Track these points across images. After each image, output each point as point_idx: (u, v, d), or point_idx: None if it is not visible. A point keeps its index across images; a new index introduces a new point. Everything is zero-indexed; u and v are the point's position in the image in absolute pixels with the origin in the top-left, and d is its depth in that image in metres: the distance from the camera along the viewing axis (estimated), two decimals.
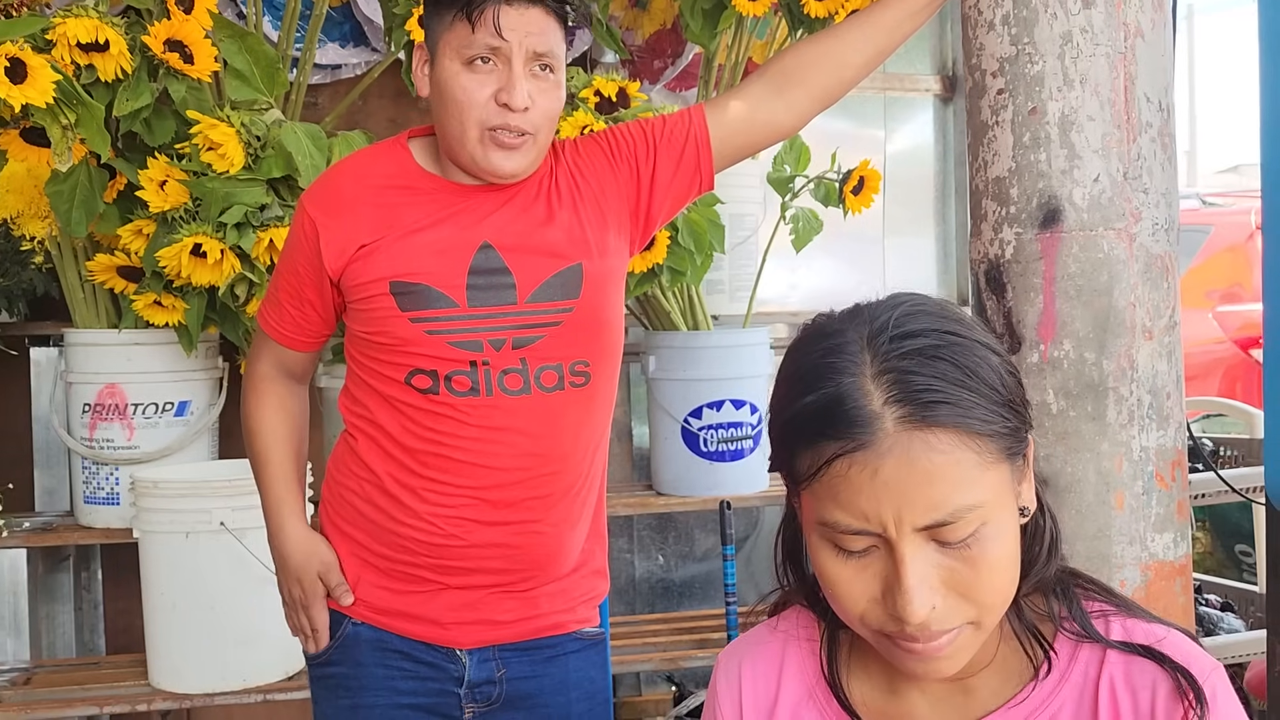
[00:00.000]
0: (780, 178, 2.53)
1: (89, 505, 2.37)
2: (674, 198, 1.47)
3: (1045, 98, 1.48)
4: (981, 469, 0.77)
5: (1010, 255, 1.51)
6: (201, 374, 2.39)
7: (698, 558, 3.39)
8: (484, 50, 1.29)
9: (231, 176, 2.01)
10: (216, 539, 2.08)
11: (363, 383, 1.38)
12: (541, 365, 1.34)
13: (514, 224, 1.36)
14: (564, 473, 1.37)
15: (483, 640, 1.39)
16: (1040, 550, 0.86)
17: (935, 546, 0.78)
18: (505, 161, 1.33)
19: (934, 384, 0.77)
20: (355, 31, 2.84)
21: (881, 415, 0.77)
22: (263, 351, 1.46)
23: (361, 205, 1.36)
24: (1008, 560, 0.80)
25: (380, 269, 1.33)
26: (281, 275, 1.41)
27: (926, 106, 3.53)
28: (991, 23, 1.52)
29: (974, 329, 0.82)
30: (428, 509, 1.35)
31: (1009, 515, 0.80)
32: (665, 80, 2.93)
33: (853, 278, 3.43)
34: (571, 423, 1.37)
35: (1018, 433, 0.81)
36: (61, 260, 2.30)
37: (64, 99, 1.78)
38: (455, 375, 1.32)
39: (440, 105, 1.34)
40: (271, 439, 1.44)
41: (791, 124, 1.50)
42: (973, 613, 0.80)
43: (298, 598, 1.42)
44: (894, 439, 0.76)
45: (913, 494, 0.76)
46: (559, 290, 1.35)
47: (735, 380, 2.63)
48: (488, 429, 1.33)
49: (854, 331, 0.80)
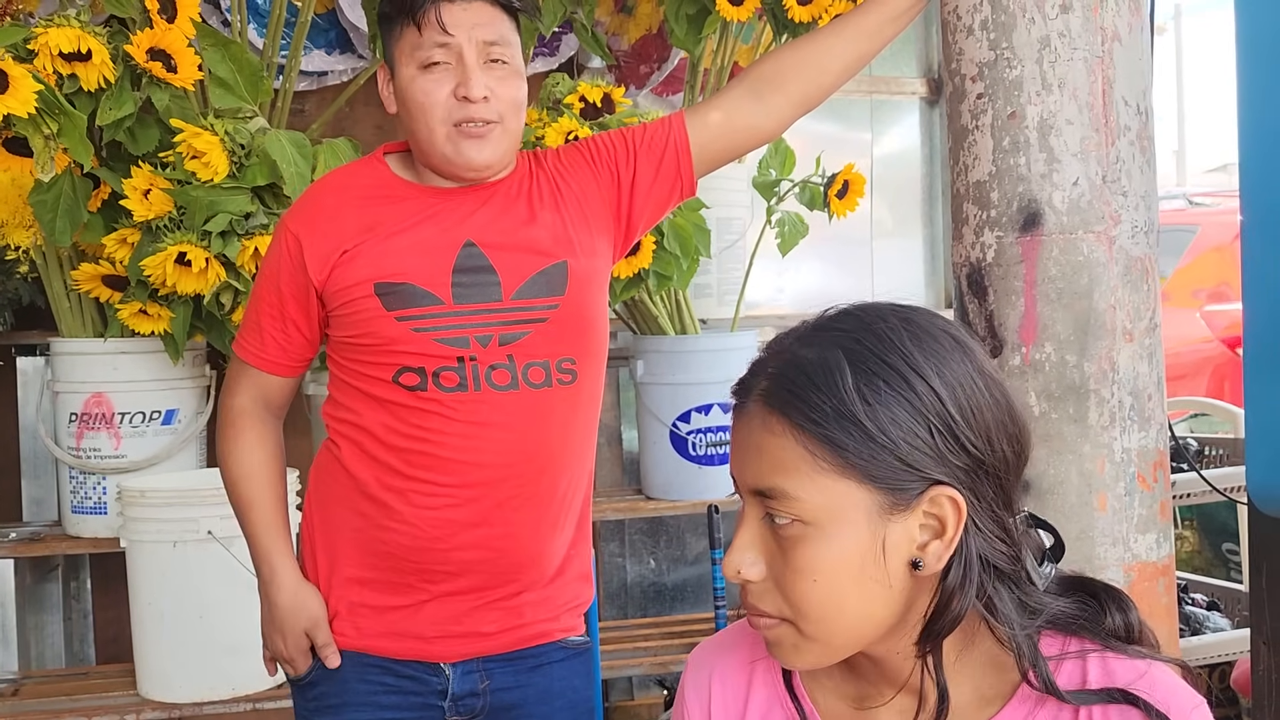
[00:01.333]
0: (765, 182, 2.53)
1: (76, 515, 2.37)
2: (655, 203, 1.48)
3: (1024, 102, 1.48)
4: (813, 469, 0.79)
5: (991, 259, 1.52)
6: (188, 382, 2.39)
7: (689, 561, 3.39)
8: (433, 49, 1.32)
9: (216, 185, 2.01)
10: (204, 548, 2.07)
11: (348, 387, 1.38)
12: (529, 362, 1.35)
13: (496, 222, 1.37)
14: (549, 472, 1.37)
15: (467, 653, 1.39)
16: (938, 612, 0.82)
17: (767, 523, 0.82)
18: (477, 153, 1.35)
19: (793, 375, 0.81)
20: (341, 38, 2.84)
21: (754, 386, 0.83)
22: (240, 383, 1.43)
23: (343, 214, 1.37)
24: (823, 575, 0.79)
25: (363, 271, 1.33)
26: (262, 299, 1.40)
27: (913, 109, 3.54)
28: (970, 28, 1.53)
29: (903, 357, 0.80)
30: (413, 512, 1.35)
31: (849, 537, 0.79)
32: (651, 85, 2.93)
33: (841, 280, 3.44)
34: (559, 421, 1.38)
35: (888, 469, 0.79)
36: (47, 270, 2.30)
37: (46, 109, 1.78)
38: (443, 371, 1.33)
39: (406, 113, 1.36)
40: (254, 483, 1.42)
41: (771, 129, 1.51)
42: (787, 610, 0.81)
43: (280, 650, 1.41)
44: (752, 406, 0.83)
45: (747, 458, 0.82)
46: (544, 287, 1.36)
47: (723, 384, 2.57)
48: (475, 424, 1.33)
49: (810, 319, 0.86)
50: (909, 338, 0.81)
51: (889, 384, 0.79)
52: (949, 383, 0.80)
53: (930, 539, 0.81)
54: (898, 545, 0.80)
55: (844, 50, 1.50)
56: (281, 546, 1.42)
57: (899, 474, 0.79)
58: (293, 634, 1.39)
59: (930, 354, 0.81)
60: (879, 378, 0.79)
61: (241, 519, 1.44)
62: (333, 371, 1.42)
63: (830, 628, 0.81)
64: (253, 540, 1.43)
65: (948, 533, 0.80)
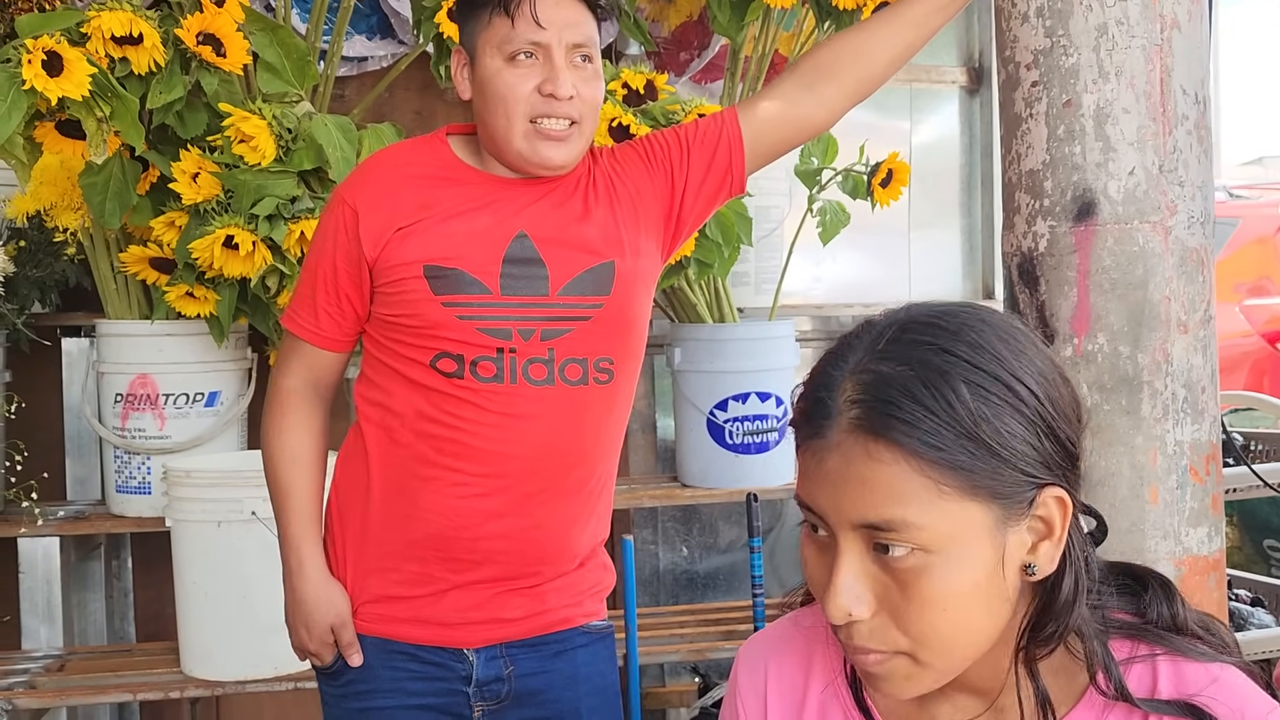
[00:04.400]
0: (807, 170, 2.52)
1: (121, 494, 2.39)
2: (704, 201, 1.48)
3: (1080, 90, 1.47)
4: (935, 496, 0.74)
5: (1044, 248, 1.50)
6: (231, 365, 2.41)
7: (722, 549, 3.39)
8: (525, 44, 1.31)
9: (263, 169, 2.02)
10: (247, 528, 2.09)
11: (383, 366, 1.38)
12: (568, 359, 1.35)
13: (550, 217, 1.37)
14: (580, 468, 1.37)
15: (490, 639, 1.39)
16: (1048, 613, 0.80)
17: (874, 556, 0.76)
18: (555, 152, 1.34)
19: (893, 396, 0.75)
20: (382, 24, 2.84)
21: (840, 411, 0.77)
22: (292, 361, 1.42)
23: (400, 191, 1.37)
24: (953, 602, 0.75)
25: (415, 251, 1.33)
26: (316, 274, 1.39)
27: (952, 99, 3.51)
28: (1025, 15, 1.51)
29: (999, 362, 0.77)
30: (440, 501, 1.34)
31: (974, 557, 0.76)
32: (691, 73, 2.92)
33: (877, 271, 3.42)
34: (592, 419, 1.38)
35: (1009, 481, 0.76)
36: (94, 252, 2.33)
37: (99, 92, 1.80)
38: (481, 361, 1.33)
39: (484, 103, 1.35)
40: (295, 468, 1.41)
41: (824, 120, 1.50)
42: (905, 643, 0.77)
43: (305, 643, 1.41)
44: (843, 436, 0.76)
45: (848, 490, 0.75)
46: (590, 286, 1.36)
47: (761, 373, 2.63)
48: (508, 416, 1.33)
49: (869, 330, 0.80)
50: (997, 340, 0.78)
51: (996, 394, 0.76)
52: (1040, 381, 0.78)
53: (1038, 541, 0.79)
54: (1014, 554, 0.78)
55: (893, 39, 1.50)
56: (311, 538, 1.42)
57: (1019, 484, 0.76)
58: (318, 629, 1.39)
59: (1018, 354, 0.78)
60: (986, 389, 0.76)
61: (276, 503, 1.44)
62: (368, 349, 1.41)
63: (954, 653, 0.77)
64: (283, 527, 1.43)
65: (1055, 532, 0.78)
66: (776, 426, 2.66)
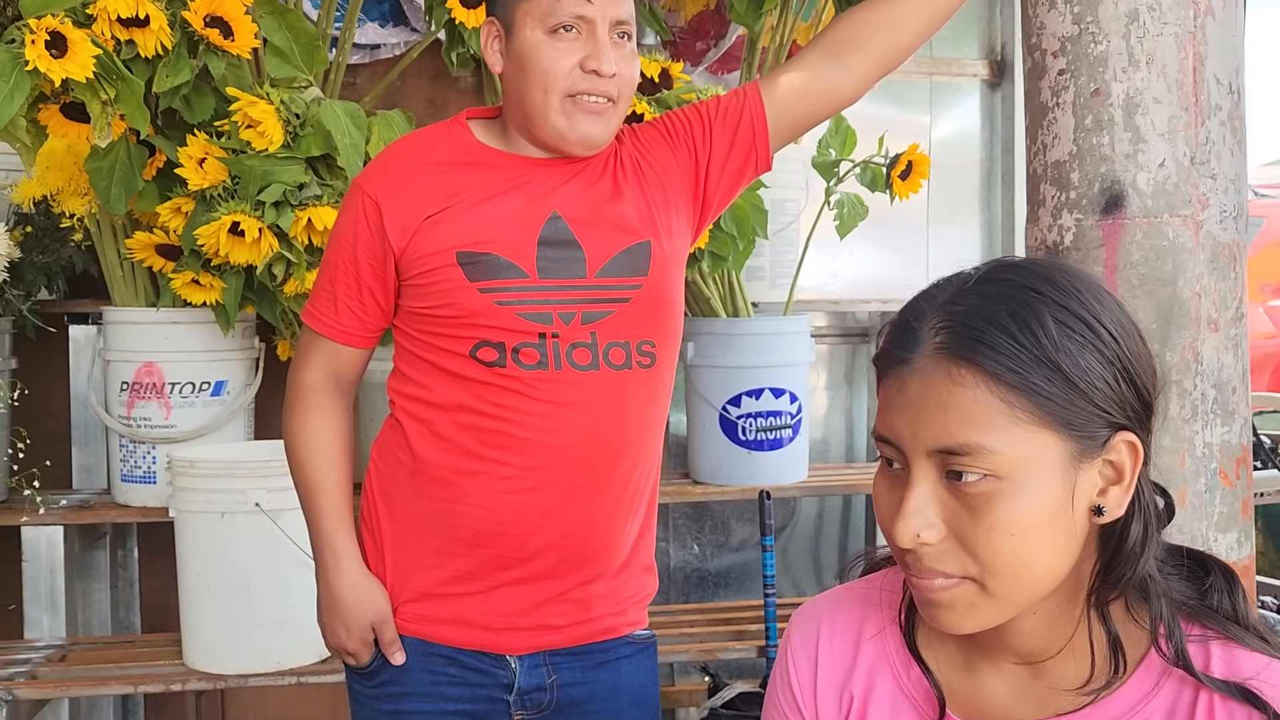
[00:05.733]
0: (825, 162, 2.48)
1: (126, 484, 2.37)
2: (730, 179, 1.44)
3: (1109, 79, 1.42)
4: (1010, 422, 0.76)
5: (1070, 242, 1.46)
6: (238, 354, 2.38)
7: (733, 547, 3.35)
8: (569, 17, 1.27)
9: (270, 155, 1.99)
10: (252, 520, 2.06)
11: (419, 361, 1.34)
12: (610, 342, 1.31)
13: (582, 197, 1.33)
14: (625, 457, 1.34)
15: (535, 646, 1.36)
16: (1117, 558, 0.81)
17: (946, 482, 0.78)
18: (593, 127, 1.31)
19: (979, 324, 0.78)
20: (395, 11, 2.81)
21: (925, 339, 0.79)
22: (311, 356, 1.38)
23: (424, 179, 1.33)
24: (1021, 528, 0.77)
25: (447, 238, 1.29)
26: (336, 267, 1.35)
27: (973, 92, 3.45)
28: (1053, 1, 1.46)
29: (1082, 304, 0.79)
30: (485, 495, 1.31)
31: (1044, 488, 0.77)
32: (707, 63, 2.88)
33: (895, 266, 3.36)
34: (637, 405, 1.34)
35: (1084, 416, 0.78)
36: (100, 238, 2.30)
37: (104, 74, 1.77)
38: (523, 347, 1.29)
39: (521, 76, 1.31)
40: (322, 464, 1.37)
41: (850, 92, 1.46)
42: (973, 568, 0.78)
43: (342, 642, 1.37)
44: (925, 361, 0.79)
45: (926, 416, 0.78)
46: (628, 266, 1.32)
47: (775, 368, 2.59)
48: (553, 404, 1.29)
49: (960, 274, 0.83)
50: (1083, 286, 0.81)
51: (1078, 331, 0.78)
52: (1120, 330, 0.80)
53: (1108, 485, 0.80)
54: (1084, 493, 0.79)
55: (924, 8, 1.46)
56: (345, 534, 1.37)
57: (1092, 420, 0.78)
58: (357, 627, 1.35)
59: (1101, 301, 0.81)
60: (1069, 325, 0.78)
61: (305, 501, 1.39)
62: (400, 344, 1.37)
63: (1020, 583, 0.79)
64: (315, 525, 1.38)
65: (1125, 478, 0.80)
66: (790, 423, 2.62)
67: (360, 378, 1.44)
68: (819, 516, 3.40)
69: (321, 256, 2.12)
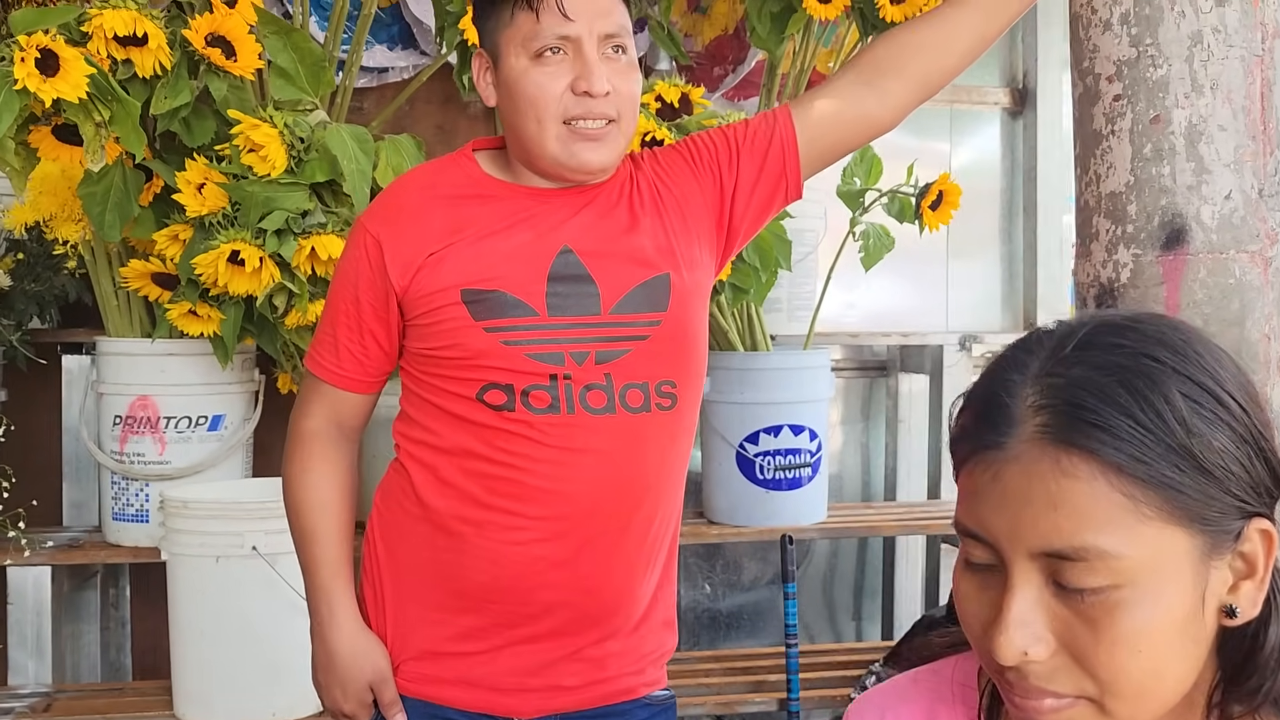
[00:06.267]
0: (850, 191, 2.39)
1: (117, 522, 2.27)
2: (758, 207, 1.35)
3: (1170, 105, 1.33)
4: (1134, 519, 0.65)
5: (1126, 279, 1.36)
6: (236, 387, 2.29)
7: (745, 587, 3.24)
8: (552, 39, 1.19)
9: (273, 180, 1.90)
10: (247, 564, 1.96)
11: (425, 403, 1.26)
12: (627, 383, 1.22)
13: (595, 228, 1.24)
14: (644, 505, 1.25)
15: (545, 708, 1.26)
16: (1251, 665, 0.70)
17: (1054, 588, 0.68)
18: (593, 154, 1.22)
19: (1091, 402, 0.66)
20: (404, 33, 2.74)
21: (1022, 419, 0.68)
22: (313, 403, 1.31)
23: (428, 214, 1.25)
24: (1149, 641, 0.66)
25: (450, 276, 1.21)
26: (337, 309, 1.28)
27: (994, 120, 3.38)
28: (1108, 22, 1.38)
29: (1205, 371, 0.68)
30: (493, 547, 1.22)
31: (1173, 593, 0.66)
32: (725, 88, 2.80)
33: (913, 298, 3.28)
34: (656, 450, 1.25)
35: (1218, 506, 0.67)
36: (95, 266, 2.21)
37: (98, 94, 1.68)
38: (534, 390, 1.20)
39: (512, 107, 1.23)
40: (320, 513, 1.29)
41: (887, 119, 1.37)
42: (1091, 687, 0.67)
43: (338, 704, 1.28)
44: (1026, 447, 0.67)
45: (1030, 513, 0.67)
46: (645, 302, 1.23)
47: (795, 404, 2.49)
48: (566, 450, 1.20)
49: (1050, 335, 0.71)
50: (1201, 348, 0.69)
51: (1207, 406, 0.67)
52: (1247, 397, 0.69)
53: (1239, 580, 0.70)
54: (1215, 593, 0.68)
55: (969, 27, 1.37)
56: (344, 585, 1.29)
57: (1227, 511, 0.67)
58: (354, 686, 1.26)
59: (1222, 364, 0.69)
60: (1196, 400, 0.66)
61: (301, 551, 1.31)
62: (407, 385, 1.29)
63: (1145, 702, 0.68)
64: (311, 576, 1.30)
65: (1259, 571, 0.69)
66: (810, 462, 2.52)
67: (365, 424, 1.36)
68: (833, 555, 3.29)
69: (324, 287, 2.05)
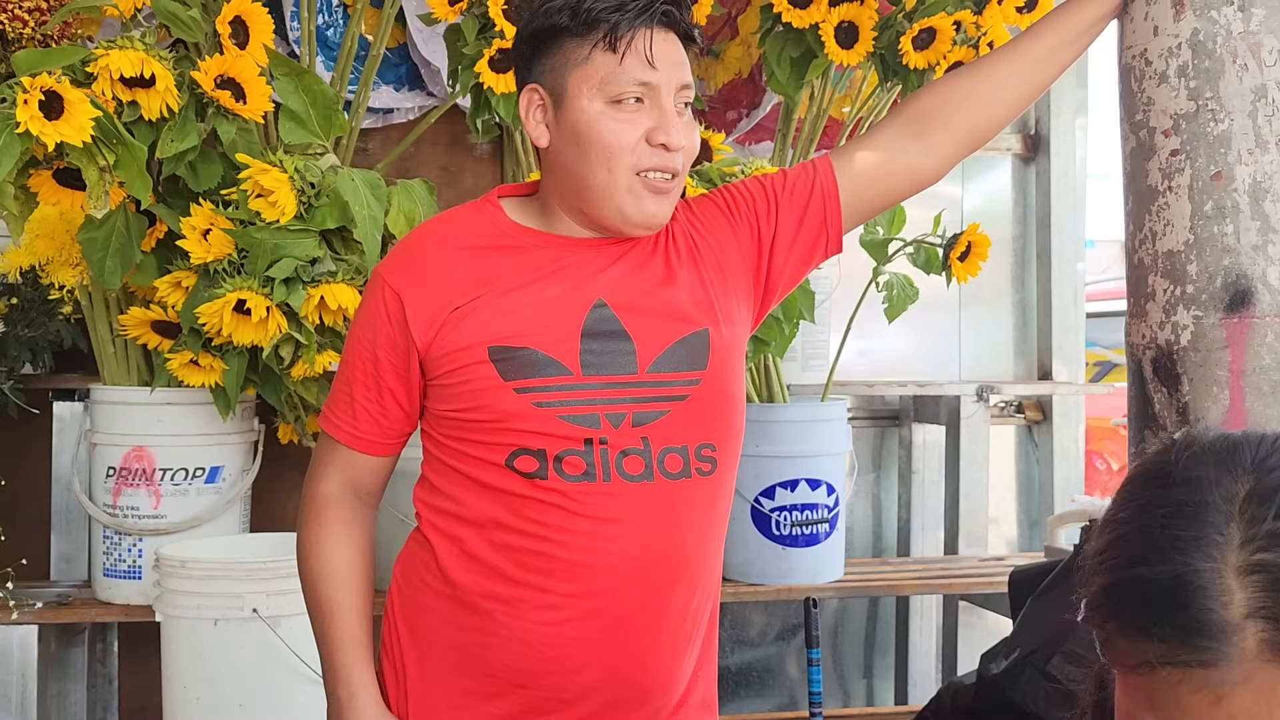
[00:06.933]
0: (875, 241, 2.33)
1: (109, 578, 2.18)
2: (797, 261, 1.29)
3: (1232, 161, 1.28)
4: None
5: (1187, 341, 1.30)
6: (235, 437, 2.20)
7: (753, 643, 3.14)
8: (633, 86, 1.13)
9: (281, 226, 1.83)
10: (247, 627, 1.87)
11: (449, 470, 1.18)
12: (665, 447, 1.15)
13: (630, 281, 1.18)
14: (683, 580, 1.17)
15: None
16: None
17: None
18: (659, 208, 1.17)
19: None
20: (411, 74, 2.69)
21: (1240, 630, 0.55)
22: (328, 466, 1.23)
23: (451, 266, 1.18)
24: None
25: (477, 332, 1.14)
26: (354, 366, 1.20)
27: (1005, 166, 3.34)
28: (1163, 74, 1.32)
29: None
30: (524, 626, 1.14)
31: None
32: (739, 132, 2.75)
33: (925, 346, 3.22)
34: (695, 519, 1.17)
35: None
36: (92, 312, 2.13)
37: (103, 138, 1.61)
38: (567, 455, 1.12)
39: (579, 152, 1.16)
40: (339, 585, 1.20)
41: (932, 171, 1.32)
42: None
43: None
44: (1253, 668, 0.55)
45: None
46: (684, 360, 1.16)
47: (812, 458, 2.42)
48: (602, 520, 1.13)
49: (1223, 488, 0.57)
50: None
51: None
52: None
53: None
54: None
55: (1017, 79, 1.32)
56: (363, 665, 1.20)
57: None
58: None
59: None
60: None
61: (318, 626, 1.22)
62: (428, 449, 1.21)
63: None
64: (329, 654, 1.21)
65: None
66: (828, 517, 2.44)
67: (383, 487, 1.28)
68: (842, 610, 3.20)
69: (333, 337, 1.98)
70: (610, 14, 1.12)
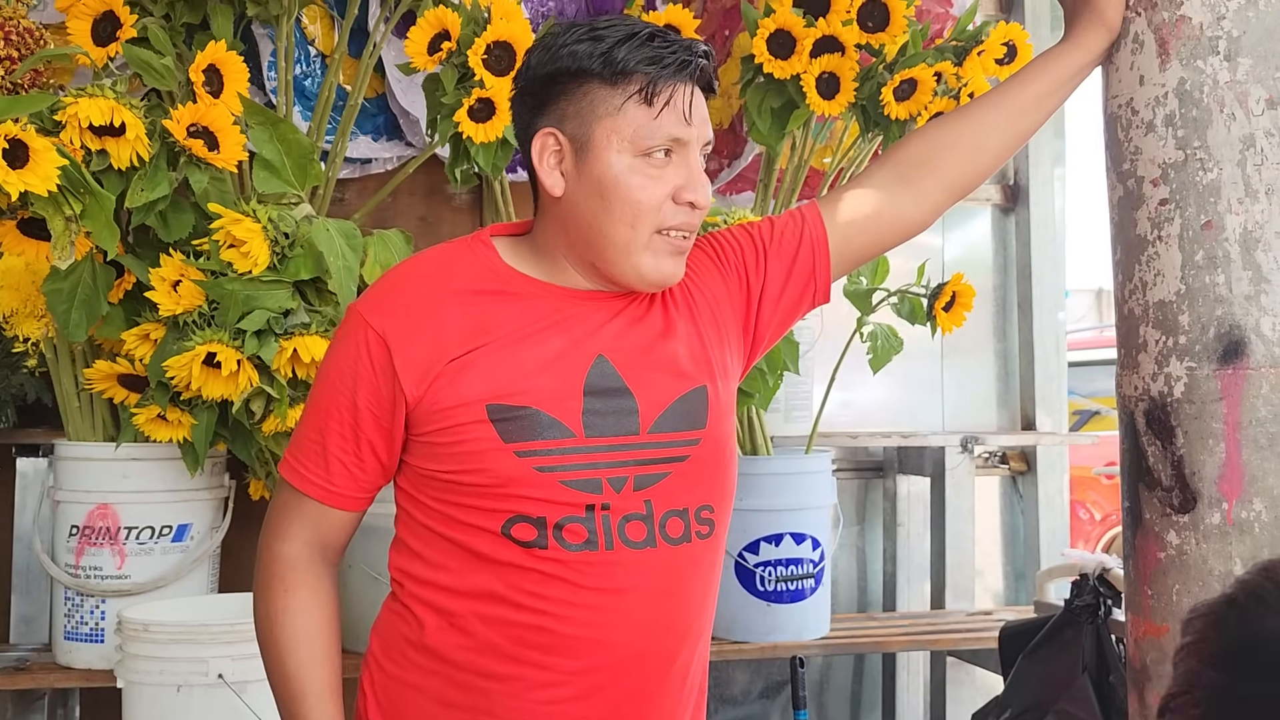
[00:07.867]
0: (859, 291, 2.31)
1: (70, 642, 2.10)
2: (784, 312, 1.26)
3: (1222, 210, 1.26)
4: None
5: (1180, 394, 1.27)
6: (204, 494, 2.14)
7: (736, 701, 3.07)
8: (665, 140, 1.09)
9: (254, 277, 1.78)
10: (212, 694, 1.80)
11: (433, 535, 1.11)
12: (667, 511, 1.10)
13: (629, 335, 1.13)
14: (684, 650, 1.12)
15: None
16: None
17: None
18: (677, 267, 1.14)
19: None
20: (389, 124, 2.67)
21: None
22: (292, 523, 1.14)
23: (445, 311, 1.11)
24: None
25: (475, 388, 1.08)
26: (328, 414, 1.12)
27: (985, 217, 3.34)
28: (1150, 124, 1.31)
29: None
30: (522, 707, 1.08)
31: None
32: (720, 183, 2.74)
33: (907, 396, 3.19)
34: (698, 585, 1.12)
35: None
36: (57, 365, 2.07)
37: (70, 187, 1.57)
38: (569, 523, 1.07)
39: (601, 205, 1.10)
40: (309, 660, 1.12)
41: (920, 219, 1.30)
42: None
43: None
44: None
45: None
46: (684, 418, 1.12)
47: (796, 512, 2.38)
48: (606, 592, 1.07)
49: None
50: None
51: None
52: None
53: None
54: None
55: (1004, 126, 1.31)
56: None
57: None
58: None
59: None
60: None
61: (286, 706, 1.13)
62: (407, 511, 1.14)
63: None
64: None
65: None
66: (813, 572, 2.39)
67: (347, 545, 1.20)
68: (827, 666, 3.14)
69: (305, 390, 1.93)
70: (648, 66, 1.07)
